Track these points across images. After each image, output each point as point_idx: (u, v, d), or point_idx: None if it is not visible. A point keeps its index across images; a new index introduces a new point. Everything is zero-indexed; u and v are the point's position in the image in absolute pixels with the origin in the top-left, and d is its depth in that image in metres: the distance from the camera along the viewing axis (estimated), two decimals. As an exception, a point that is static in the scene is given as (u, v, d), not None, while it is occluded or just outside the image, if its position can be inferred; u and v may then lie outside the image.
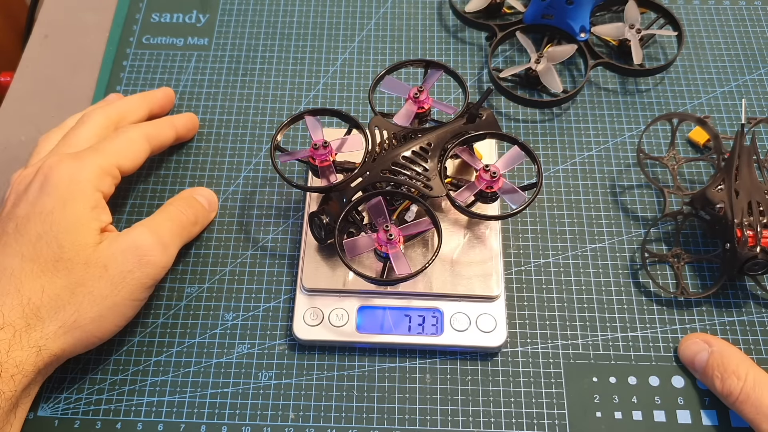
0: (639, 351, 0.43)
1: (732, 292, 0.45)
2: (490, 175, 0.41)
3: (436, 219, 0.41)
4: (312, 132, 0.43)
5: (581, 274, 0.46)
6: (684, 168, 0.50)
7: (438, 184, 0.42)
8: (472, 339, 0.42)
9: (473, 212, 0.42)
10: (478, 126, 0.44)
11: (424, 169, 0.42)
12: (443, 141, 0.43)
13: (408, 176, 0.42)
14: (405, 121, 0.45)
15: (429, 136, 0.43)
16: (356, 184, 0.42)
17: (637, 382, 0.42)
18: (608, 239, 0.47)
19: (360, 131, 0.44)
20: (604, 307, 0.45)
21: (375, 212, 0.40)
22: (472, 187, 0.42)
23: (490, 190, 0.41)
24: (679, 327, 0.44)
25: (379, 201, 0.40)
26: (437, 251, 0.40)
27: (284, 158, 0.43)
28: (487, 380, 0.42)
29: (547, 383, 0.42)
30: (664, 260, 0.46)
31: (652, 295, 0.45)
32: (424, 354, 0.43)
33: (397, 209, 0.43)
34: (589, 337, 0.44)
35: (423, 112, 0.45)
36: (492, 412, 0.41)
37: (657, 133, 0.51)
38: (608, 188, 0.49)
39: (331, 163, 0.43)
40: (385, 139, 0.43)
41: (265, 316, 0.44)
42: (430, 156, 0.43)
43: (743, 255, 0.41)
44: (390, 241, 0.39)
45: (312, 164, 0.43)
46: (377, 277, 0.41)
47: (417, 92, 0.45)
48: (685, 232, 0.47)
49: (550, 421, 0.41)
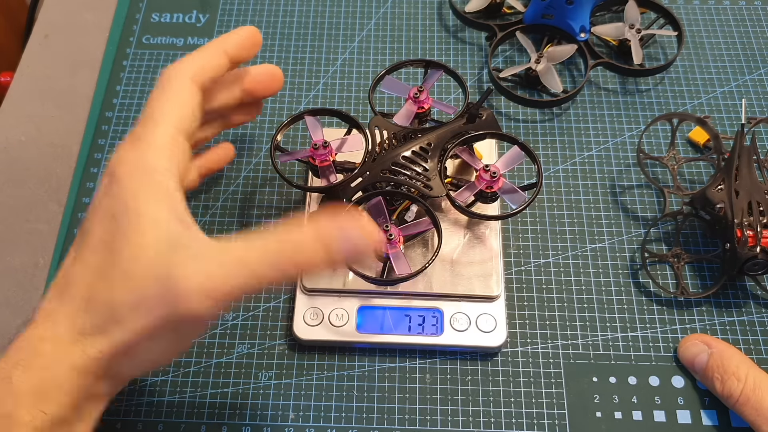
0: (639, 351, 0.43)
1: (732, 293, 0.45)
2: (490, 175, 0.41)
3: (436, 219, 0.41)
4: (312, 132, 0.43)
5: (581, 274, 0.46)
6: (684, 168, 0.50)
7: (438, 184, 0.42)
8: (472, 339, 0.42)
9: (473, 212, 0.42)
10: (478, 126, 0.44)
11: (424, 169, 0.42)
12: (443, 141, 0.43)
13: (408, 176, 0.42)
14: (405, 121, 0.44)
15: (429, 136, 0.43)
16: (356, 184, 0.42)
17: (637, 382, 0.42)
18: (608, 239, 0.47)
19: (360, 131, 0.43)
20: (604, 307, 0.45)
21: (375, 212, 0.40)
22: (472, 187, 0.42)
23: (490, 190, 0.41)
24: (679, 327, 0.44)
25: (379, 201, 0.40)
26: (437, 251, 0.40)
27: (284, 158, 0.43)
28: (487, 380, 0.42)
29: (547, 383, 0.42)
30: (664, 260, 0.46)
31: (652, 295, 0.45)
32: (424, 354, 0.43)
33: (397, 209, 0.43)
34: (589, 337, 0.44)
35: (423, 112, 0.45)
36: (492, 412, 0.41)
37: (657, 133, 0.51)
38: (608, 188, 0.49)
39: (331, 163, 0.42)
40: (385, 139, 0.43)
41: (265, 316, 0.44)
42: (430, 156, 0.42)
43: (743, 255, 0.41)
44: (390, 241, 0.39)
45: (312, 164, 0.43)
46: (377, 276, 0.41)
47: (417, 92, 0.45)
48: (685, 232, 0.47)
49: (550, 421, 0.41)
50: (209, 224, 0.48)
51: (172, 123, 0.35)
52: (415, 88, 0.45)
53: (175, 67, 0.38)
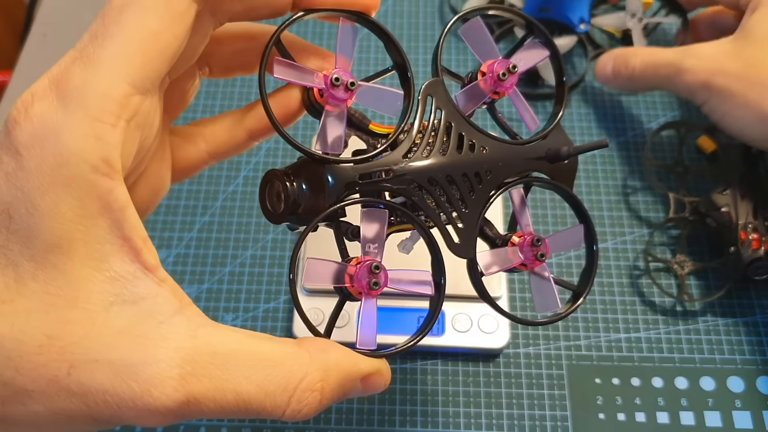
0: (642, 352, 0.43)
1: (737, 301, 0.44)
2: (537, 255, 0.29)
3: (441, 292, 0.29)
4: (340, 46, 0.27)
5: (584, 274, 0.45)
6: (690, 174, 0.48)
7: (469, 240, 0.29)
8: (473, 340, 0.41)
9: (501, 308, 0.30)
10: (554, 171, 0.30)
11: (462, 205, 0.28)
12: (508, 170, 0.29)
13: (437, 204, 0.28)
14: (467, 104, 0.30)
15: (492, 155, 0.29)
16: (368, 170, 0.27)
17: (641, 383, 0.42)
18: (611, 239, 0.47)
19: (407, 88, 0.29)
20: (606, 308, 0.44)
21: (370, 226, 0.27)
22: (503, 259, 0.29)
23: (523, 268, 0.30)
24: (682, 328, 0.44)
25: (384, 217, 0.28)
26: (427, 329, 0.29)
27: (281, 74, 0.26)
28: (489, 382, 0.42)
29: (549, 385, 0.42)
30: (669, 266, 0.45)
31: (656, 296, 0.45)
32: (426, 355, 0.43)
33: (394, 228, 0.29)
34: (592, 339, 0.43)
35: (495, 99, 0.30)
36: (494, 413, 0.41)
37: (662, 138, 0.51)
38: (611, 188, 0.49)
39: (345, 112, 0.28)
40: (434, 121, 0.28)
41: (265, 317, 0.44)
42: (481, 188, 0.29)
43: (747, 256, 0.41)
44: (371, 289, 0.27)
45: (313, 99, 0.28)
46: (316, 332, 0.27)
47: (509, 69, 0.29)
48: (690, 239, 0.46)
49: (552, 423, 0.41)
50: (209, 224, 0.47)
51: (128, 64, 0.22)
52: (506, 62, 0.29)
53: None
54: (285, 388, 0.23)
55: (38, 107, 0.21)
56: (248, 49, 0.28)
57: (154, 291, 0.21)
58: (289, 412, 0.23)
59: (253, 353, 0.23)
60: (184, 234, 0.47)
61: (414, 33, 0.57)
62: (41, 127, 0.21)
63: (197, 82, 0.29)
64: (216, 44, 0.28)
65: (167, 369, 0.21)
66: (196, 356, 0.21)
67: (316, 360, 0.24)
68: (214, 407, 0.21)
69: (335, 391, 0.24)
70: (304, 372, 0.23)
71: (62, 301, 0.20)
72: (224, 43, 0.28)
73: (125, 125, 0.21)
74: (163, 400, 0.20)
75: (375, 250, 0.27)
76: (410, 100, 0.28)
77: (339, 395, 0.25)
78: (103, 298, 0.21)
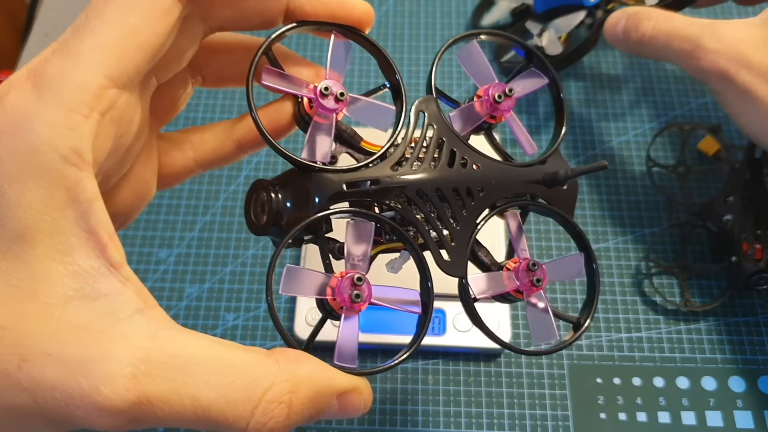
0: (643, 352, 0.43)
1: (739, 301, 0.44)
2: (533, 281, 0.28)
3: (429, 313, 0.27)
4: (331, 61, 0.28)
5: (585, 274, 0.45)
6: (692, 178, 0.48)
7: (460, 259, 0.28)
8: (475, 340, 0.41)
9: (494, 335, 0.29)
10: (552, 195, 0.30)
11: (453, 222, 0.28)
12: (500, 191, 0.29)
13: (426, 219, 0.27)
14: (462, 125, 0.30)
15: (485, 174, 0.28)
16: (353, 180, 0.26)
17: (642, 383, 0.42)
18: (612, 239, 0.47)
19: (399, 104, 0.29)
20: (608, 308, 0.44)
21: (356, 241, 0.26)
22: (497, 283, 0.28)
23: (518, 296, 0.29)
24: (683, 327, 0.43)
25: (371, 230, 0.27)
26: (416, 345, 0.27)
27: (269, 81, 0.26)
28: (490, 381, 0.42)
29: (550, 384, 0.42)
30: (669, 272, 0.45)
31: (657, 296, 0.45)
32: (427, 355, 0.43)
33: (382, 246, 0.28)
34: (593, 338, 0.43)
35: (492, 124, 0.30)
36: (495, 413, 0.41)
37: (663, 137, 0.51)
38: (612, 188, 0.49)
39: (333, 124, 0.27)
40: (427, 138, 0.28)
41: (266, 317, 0.44)
42: (473, 206, 0.28)
43: (748, 268, 0.41)
44: (353, 302, 0.25)
45: (303, 112, 0.27)
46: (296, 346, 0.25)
47: (504, 93, 0.29)
48: (691, 244, 0.46)
49: (553, 423, 0.40)
50: (209, 224, 0.47)
51: (106, 56, 0.21)
52: (502, 86, 0.29)
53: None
54: (249, 397, 0.22)
55: (13, 95, 0.21)
56: (242, 60, 0.28)
57: (117, 288, 0.21)
58: (253, 425, 0.22)
59: (216, 359, 0.22)
60: (185, 233, 0.47)
61: (415, 33, 0.56)
62: (15, 114, 0.21)
63: (189, 90, 0.29)
64: (210, 53, 0.28)
65: (119, 367, 0.20)
66: (152, 356, 0.21)
67: (286, 371, 0.23)
68: (169, 412, 0.20)
69: (305, 406, 0.23)
70: (270, 382, 0.22)
71: (21, 292, 0.20)
72: (219, 52, 0.28)
73: (99, 117, 0.21)
74: (112, 399, 0.20)
75: (360, 263, 0.26)
76: (402, 116, 0.28)
77: (310, 411, 0.23)
78: (63, 292, 0.20)
